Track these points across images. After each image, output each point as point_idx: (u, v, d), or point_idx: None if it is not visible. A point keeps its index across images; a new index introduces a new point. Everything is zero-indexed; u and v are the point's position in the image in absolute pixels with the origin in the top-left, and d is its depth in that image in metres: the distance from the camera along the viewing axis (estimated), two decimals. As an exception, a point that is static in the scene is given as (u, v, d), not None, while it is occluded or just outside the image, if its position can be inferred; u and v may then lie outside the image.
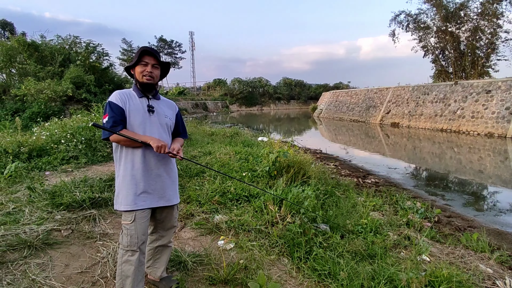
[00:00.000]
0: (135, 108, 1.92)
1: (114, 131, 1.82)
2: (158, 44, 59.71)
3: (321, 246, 3.03)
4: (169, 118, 2.09)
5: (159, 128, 1.99)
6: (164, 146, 1.85)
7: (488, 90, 17.01)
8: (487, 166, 10.48)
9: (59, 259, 2.43)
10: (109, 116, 1.85)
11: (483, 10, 24.82)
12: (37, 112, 12.46)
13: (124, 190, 1.89)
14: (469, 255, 3.51)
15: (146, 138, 1.85)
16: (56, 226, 2.86)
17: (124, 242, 1.87)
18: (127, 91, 1.99)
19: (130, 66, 2.01)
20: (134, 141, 1.84)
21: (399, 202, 5.33)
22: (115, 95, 1.92)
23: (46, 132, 6.13)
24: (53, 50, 16.12)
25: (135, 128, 1.90)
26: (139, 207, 1.88)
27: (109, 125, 1.83)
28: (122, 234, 1.90)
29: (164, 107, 2.10)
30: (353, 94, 31.46)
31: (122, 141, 1.86)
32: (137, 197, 1.88)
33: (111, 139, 1.87)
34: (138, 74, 1.96)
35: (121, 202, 1.88)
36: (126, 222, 1.87)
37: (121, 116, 1.87)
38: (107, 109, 1.88)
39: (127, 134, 1.83)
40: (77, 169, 5.05)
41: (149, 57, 1.96)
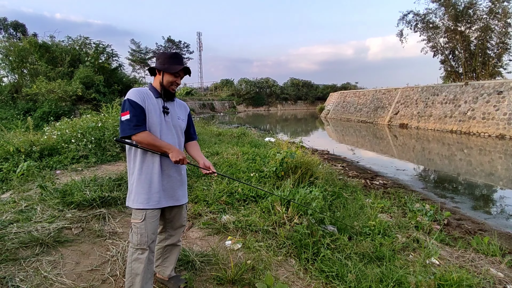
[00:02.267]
0: (153, 108, 1.92)
1: (136, 145, 1.86)
2: (166, 45, 60.21)
3: (329, 248, 3.02)
4: (182, 119, 2.11)
5: (172, 130, 2.01)
6: (182, 160, 1.89)
7: (500, 91, 16.70)
8: (498, 168, 10.30)
9: (70, 256, 2.47)
10: (131, 114, 1.83)
11: (492, 9, 24.38)
12: (48, 111, 12.67)
13: (137, 188, 1.90)
14: (480, 258, 3.46)
15: (166, 148, 1.88)
16: (67, 224, 2.91)
17: (134, 241, 1.89)
18: (144, 89, 1.98)
19: (163, 69, 1.97)
20: (153, 151, 1.87)
21: (408, 204, 5.28)
22: (135, 93, 1.90)
23: (57, 132, 6.23)
24: (63, 51, 16.38)
25: (151, 129, 1.90)
26: (150, 206, 1.90)
27: (133, 123, 1.82)
28: (132, 233, 1.91)
29: (178, 108, 2.11)
30: (361, 94, 31.21)
31: (143, 144, 1.86)
32: (150, 196, 1.90)
33: (134, 138, 1.85)
34: (167, 82, 1.97)
35: (134, 199, 1.90)
36: (136, 221, 1.89)
37: (143, 115, 1.86)
38: (126, 106, 1.85)
39: (150, 140, 1.84)
40: (87, 168, 5.12)
41: (182, 71, 2.01)
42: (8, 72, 16.18)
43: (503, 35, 24.89)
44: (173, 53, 2.00)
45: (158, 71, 2.00)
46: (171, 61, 1.97)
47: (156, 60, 2.05)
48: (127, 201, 1.98)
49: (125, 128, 1.83)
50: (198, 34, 64.03)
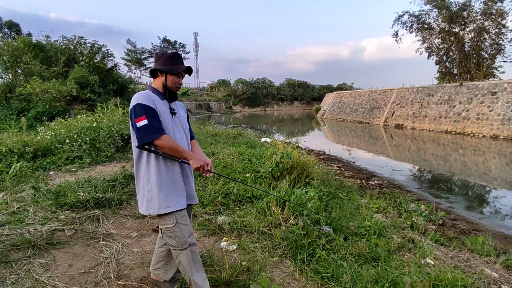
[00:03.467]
0: (163, 110, 1.89)
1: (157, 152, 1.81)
2: (162, 45, 60.01)
3: (324, 248, 3.01)
4: (185, 119, 2.12)
5: (181, 130, 2.00)
6: (203, 166, 1.86)
7: (494, 92, 16.87)
8: (492, 169, 10.39)
9: (62, 259, 2.44)
10: (149, 119, 1.76)
11: (485, 10, 24.63)
12: (42, 111, 12.53)
13: (161, 193, 1.83)
14: (474, 258, 3.48)
15: (187, 155, 1.86)
16: (59, 226, 2.87)
17: (173, 244, 1.88)
18: (149, 93, 1.91)
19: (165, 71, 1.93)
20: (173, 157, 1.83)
21: (403, 204, 5.30)
22: (143, 97, 1.83)
23: (51, 132, 6.17)
24: (58, 50, 16.24)
25: (166, 132, 1.85)
26: (179, 207, 1.87)
27: (154, 127, 1.76)
28: (167, 238, 1.89)
29: (179, 108, 2.10)
30: (357, 95, 31.35)
31: (165, 149, 1.79)
32: (177, 198, 1.87)
33: (156, 143, 1.77)
34: (172, 83, 1.94)
35: (160, 205, 1.83)
36: (168, 226, 1.86)
37: (158, 117, 1.83)
38: (140, 111, 1.77)
39: (173, 145, 1.80)
40: (81, 169, 5.07)
41: (184, 72, 2.00)
42: (2, 71, 16.00)
43: (497, 36, 25.15)
44: (173, 53, 1.96)
45: (161, 72, 1.94)
46: (173, 61, 1.94)
47: (155, 61, 1.99)
48: (145, 209, 1.88)
49: (145, 133, 1.75)
50: (195, 34, 63.89)
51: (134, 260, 2.53)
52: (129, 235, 2.94)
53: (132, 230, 3.07)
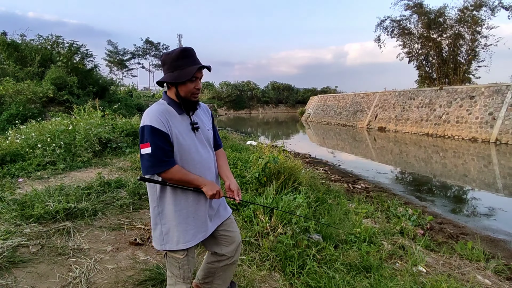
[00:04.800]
0: (181, 130, 1.58)
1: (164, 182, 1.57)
2: (145, 46, 58.99)
3: (315, 259, 2.86)
4: (210, 129, 1.79)
5: (206, 147, 1.71)
6: (218, 193, 1.64)
7: (472, 96, 17.40)
8: (472, 171, 10.62)
9: (24, 280, 2.16)
10: (153, 147, 1.47)
11: (461, 17, 25.53)
12: (15, 114, 11.88)
13: (180, 226, 1.61)
14: (465, 265, 3.41)
15: (198, 183, 1.59)
16: (24, 241, 2.57)
17: (176, 273, 1.68)
18: (164, 108, 1.58)
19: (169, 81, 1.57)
20: (184, 187, 1.58)
21: (391, 208, 5.24)
22: (155, 117, 1.51)
23: (21, 136, 5.75)
24: (33, 50, 15.53)
25: (185, 154, 1.59)
26: (197, 242, 1.66)
27: (158, 159, 1.48)
28: (171, 265, 1.69)
29: (203, 116, 1.77)
30: (341, 98, 31.74)
31: (172, 181, 1.56)
32: (198, 230, 1.65)
33: (163, 176, 1.54)
34: (187, 91, 1.57)
35: (177, 240, 1.61)
36: (177, 256, 1.65)
37: (168, 146, 1.52)
38: (146, 136, 1.49)
39: (181, 176, 1.55)
40: (54, 176, 4.71)
41: (200, 71, 1.59)
42: (-27, 71, 15.13)
43: (472, 42, 26.08)
44: (179, 51, 1.55)
45: (170, 84, 1.59)
46: (181, 63, 1.53)
47: (162, 66, 1.62)
48: (159, 243, 1.64)
49: (148, 165, 1.49)
50: (178, 36, 63.30)
51: (108, 279, 2.28)
52: (103, 250, 2.68)
53: (107, 243, 2.80)
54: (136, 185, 4.11)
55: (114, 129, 7.15)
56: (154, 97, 46.43)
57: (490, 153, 13.38)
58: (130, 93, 31.81)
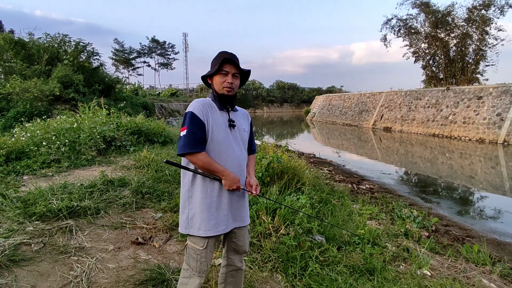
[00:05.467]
0: (217, 122, 1.72)
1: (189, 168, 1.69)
2: (151, 45, 59.25)
3: (317, 261, 2.82)
4: (247, 132, 1.91)
5: (239, 145, 1.81)
6: (237, 187, 1.72)
7: (480, 96, 17.15)
8: (479, 172, 10.47)
9: (25, 278, 2.16)
10: (188, 130, 1.64)
11: (469, 16, 25.17)
12: (22, 111, 11.99)
13: (203, 213, 1.69)
14: (471, 268, 3.35)
15: (221, 173, 1.68)
16: (26, 239, 2.58)
17: (193, 266, 1.72)
18: (208, 101, 1.77)
19: (207, 75, 1.79)
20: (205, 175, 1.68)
21: (396, 210, 5.18)
22: (198, 106, 1.70)
23: (26, 133, 5.79)
24: (40, 48, 15.66)
25: (217, 147, 1.70)
26: (218, 232, 1.72)
27: (188, 141, 1.63)
28: (189, 256, 1.74)
29: (241, 119, 1.90)
30: (346, 98, 31.54)
31: (197, 165, 1.67)
32: (219, 221, 1.72)
33: (188, 158, 1.68)
34: (218, 85, 1.75)
35: (200, 226, 1.69)
36: (197, 247, 1.71)
37: (201, 133, 1.66)
38: (186, 120, 1.67)
39: (205, 164, 1.65)
40: (58, 174, 4.73)
41: (229, 65, 1.74)
42: (-18, 69, 15.31)
43: (480, 42, 25.70)
44: (219, 53, 1.77)
45: (209, 79, 1.81)
46: (215, 62, 1.75)
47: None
48: (184, 227, 1.73)
49: (181, 145, 1.66)
50: (184, 35, 63.38)
51: (108, 278, 2.28)
52: (105, 249, 2.68)
53: (109, 242, 2.80)
54: (139, 184, 4.11)
55: (118, 128, 7.17)
56: (159, 96, 46.64)
57: (498, 155, 13.18)
58: (136, 91, 32.03)
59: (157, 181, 4.47)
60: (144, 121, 8.22)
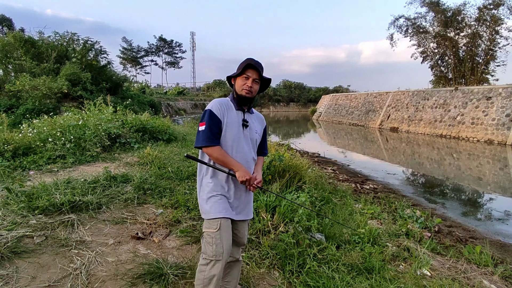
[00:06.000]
0: (232, 121, 1.91)
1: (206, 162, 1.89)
2: (158, 44, 59.63)
3: (315, 259, 2.82)
4: (259, 134, 2.07)
5: (249, 144, 1.99)
6: (249, 180, 1.87)
7: (489, 97, 16.88)
8: (487, 174, 10.31)
9: (26, 270, 2.21)
10: (206, 126, 1.84)
11: (480, 16, 24.74)
12: (31, 109, 12.20)
13: (210, 200, 1.87)
14: (472, 269, 3.32)
15: (234, 166, 1.86)
16: (28, 232, 2.63)
17: (209, 251, 1.79)
18: (226, 101, 1.97)
19: (232, 76, 1.99)
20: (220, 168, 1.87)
21: (398, 210, 5.14)
22: (216, 105, 1.90)
23: (33, 130, 5.89)
24: (49, 46, 15.91)
25: (229, 142, 1.89)
26: (228, 215, 1.85)
27: (206, 135, 1.83)
28: (205, 243, 1.83)
29: (255, 121, 2.07)
30: (353, 97, 31.33)
31: (212, 157, 1.86)
32: (227, 206, 1.88)
33: (204, 151, 1.87)
34: (238, 86, 1.93)
35: (209, 210, 1.85)
36: (211, 230, 1.81)
37: (217, 129, 1.86)
38: (205, 117, 1.87)
39: (219, 156, 1.84)
40: (63, 169, 4.81)
41: (252, 70, 1.92)
42: (-8, 67, 15.62)
43: (490, 42, 25.26)
44: (245, 59, 1.95)
45: (232, 78, 2.00)
46: (241, 66, 1.93)
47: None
48: (203, 213, 1.90)
49: (198, 138, 1.86)
50: (192, 34, 63.68)
51: (107, 271, 2.31)
52: (105, 243, 2.72)
53: (109, 236, 2.84)
54: (141, 180, 4.15)
55: (124, 125, 7.25)
56: (166, 94, 46.93)
57: (507, 156, 12.96)
58: (143, 90, 32.27)
59: (160, 178, 4.52)
60: (149, 119, 8.30)
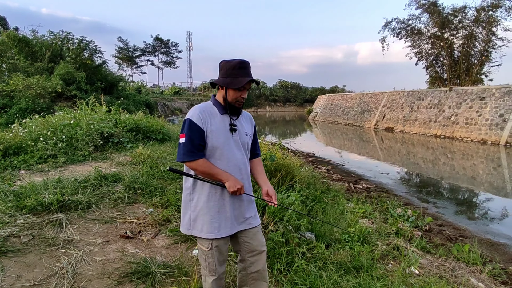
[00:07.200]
0: (217, 127, 1.74)
1: (192, 175, 1.72)
2: (154, 43, 59.43)
3: (304, 257, 2.84)
4: (249, 135, 1.92)
5: (240, 149, 1.82)
6: (239, 190, 1.72)
7: (482, 97, 17.03)
8: (480, 173, 10.40)
9: (12, 269, 2.20)
10: (186, 138, 1.67)
11: (477, 17, 24.91)
12: (24, 108, 12.11)
13: (205, 216, 1.73)
14: (460, 268, 3.35)
15: (222, 177, 1.70)
16: (15, 231, 2.62)
17: (203, 265, 1.80)
18: (208, 106, 1.79)
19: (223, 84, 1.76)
20: (207, 181, 1.71)
21: (390, 209, 5.17)
22: (196, 113, 1.72)
23: (24, 129, 5.86)
24: (43, 45, 15.80)
25: (217, 151, 1.73)
26: (221, 235, 1.74)
27: (187, 148, 1.66)
28: (200, 256, 1.82)
29: (244, 122, 1.91)
30: (348, 98, 31.44)
31: (197, 171, 1.71)
32: (221, 224, 1.74)
33: (187, 165, 1.72)
34: (231, 97, 1.75)
35: (202, 228, 1.73)
36: (203, 248, 1.76)
37: (200, 140, 1.69)
38: (185, 128, 1.70)
39: (205, 169, 1.69)
40: (54, 169, 4.79)
41: (249, 84, 1.77)
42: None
43: (486, 43, 25.45)
44: (237, 62, 1.75)
45: (221, 86, 1.79)
46: (235, 72, 1.73)
47: (219, 70, 1.81)
48: (186, 228, 1.77)
49: (179, 152, 1.70)
50: (188, 34, 63.51)
51: (94, 271, 2.31)
52: (93, 242, 2.71)
53: (98, 236, 2.84)
54: (132, 180, 4.14)
55: (117, 124, 7.23)
56: (162, 94, 46.79)
57: (500, 156, 13.08)
58: (139, 89, 32.13)
59: (151, 177, 4.51)
60: (143, 119, 8.28)
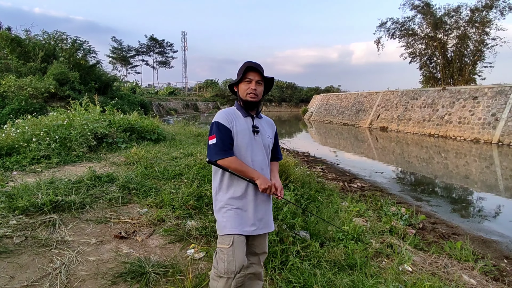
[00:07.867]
0: (242, 129, 1.84)
1: (226, 169, 1.77)
2: (149, 43, 59.15)
3: (298, 255, 2.85)
4: (270, 138, 1.99)
5: (262, 151, 1.90)
6: (270, 187, 1.80)
7: (475, 96, 17.23)
8: (473, 172, 10.53)
9: (4, 270, 2.18)
10: (217, 138, 1.77)
11: (471, 17, 25.18)
12: (17, 109, 11.98)
13: (226, 213, 1.79)
14: (453, 264, 3.39)
15: (253, 175, 1.79)
16: (8, 232, 2.60)
17: (220, 268, 1.73)
18: (232, 110, 1.90)
19: (234, 83, 1.93)
20: (241, 177, 1.78)
21: (384, 207, 5.22)
22: (222, 115, 1.83)
23: (16, 130, 5.80)
24: (36, 45, 15.64)
25: (242, 151, 1.82)
26: (240, 232, 1.77)
27: (219, 148, 1.76)
28: (217, 258, 1.77)
29: (265, 126, 1.99)
30: (343, 97, 31.60)
31: (230, 168, 1.78)
32: (242, 222, 1.79)
33: (220, 163, 1.78)
34: (242, 92, 1.87)
35: (224, 225, 1.77)
36: (224, 246, 1.75)
37: (229, 139, 1.79)
38: (213, 129, 1.80)
39: (237, 166, 1.77)
40: (47, 169, 4.74)
41: (253, 73, 1.86)
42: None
43: (479, 43, 25.73)
44: (244, 63, 1.88)
45: (235, 86, 1.94)
46: (239, 71, 1.89)
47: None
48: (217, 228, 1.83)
49: (211, 152, 1.78)
50: (183, 34, 63.43)
51: (88, 271, 2.30)
52: (87, 242, 2.70)
53: (92, 236, 2.82)
54: (126, 180, 4.12)
55: (111, 125, 7.18)
56: (157, 94, 46.58)
57: (492, 155, 13.26)
58: (133, 89, 31.97)
59: (146, 178, 4.49)
60: (137, 119, 8.24)
